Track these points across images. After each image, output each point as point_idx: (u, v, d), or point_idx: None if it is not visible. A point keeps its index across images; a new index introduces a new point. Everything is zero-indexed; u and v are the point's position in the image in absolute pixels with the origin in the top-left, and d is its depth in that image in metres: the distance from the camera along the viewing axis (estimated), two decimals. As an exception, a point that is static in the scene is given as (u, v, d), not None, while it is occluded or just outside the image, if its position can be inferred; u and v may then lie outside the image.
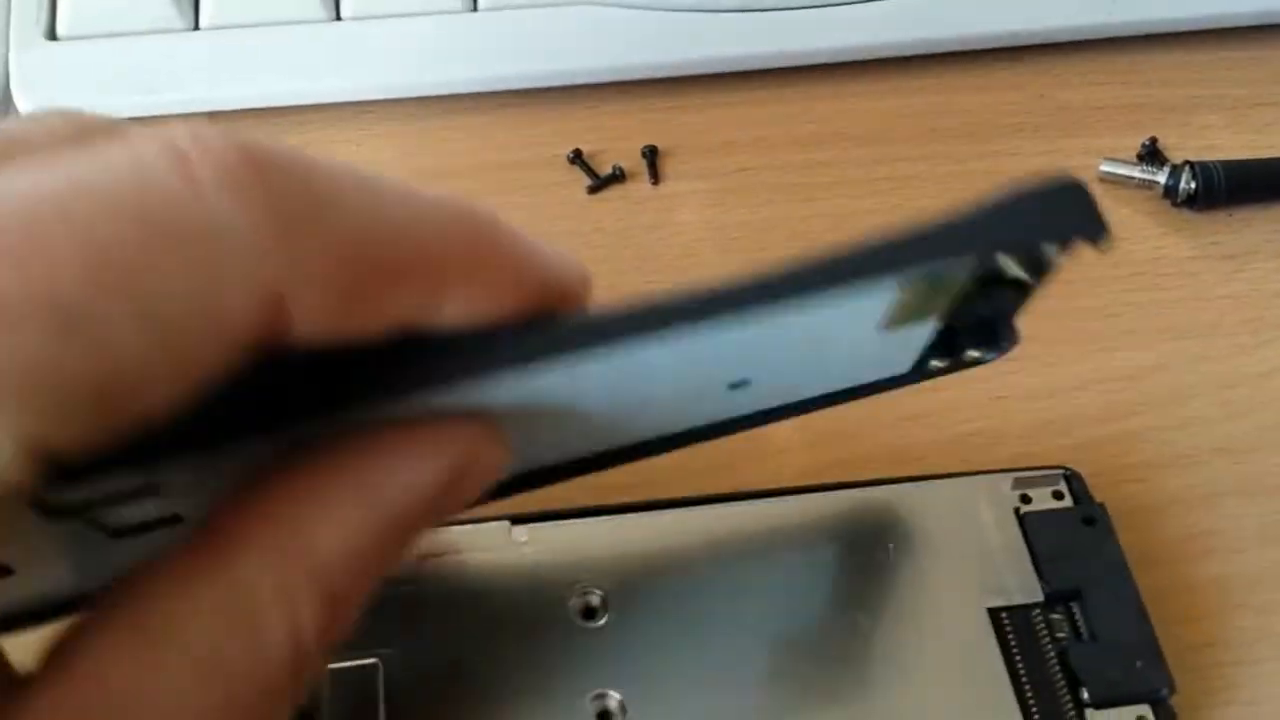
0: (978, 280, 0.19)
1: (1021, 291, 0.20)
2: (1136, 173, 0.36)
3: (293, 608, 0.16)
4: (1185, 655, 0.27)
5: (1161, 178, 0.35)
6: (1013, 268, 0.19)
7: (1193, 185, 0.35)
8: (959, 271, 0.18)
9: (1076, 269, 0.34)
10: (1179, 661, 0.26)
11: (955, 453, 0.31)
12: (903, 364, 0.23)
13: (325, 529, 0.16)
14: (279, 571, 0.16)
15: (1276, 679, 0.27)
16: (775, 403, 0.22)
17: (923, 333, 0.21)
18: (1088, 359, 0.33)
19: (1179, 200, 0.35)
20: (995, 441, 0.31)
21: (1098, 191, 0.35)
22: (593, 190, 0.35)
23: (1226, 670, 0.27)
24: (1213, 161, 0.35)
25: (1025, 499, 0.27)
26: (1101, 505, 0.27)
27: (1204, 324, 0.33)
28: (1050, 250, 0.18)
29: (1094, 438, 0.31)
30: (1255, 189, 0.35)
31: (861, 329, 0.19)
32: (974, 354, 0.22)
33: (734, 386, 0.20)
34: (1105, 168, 0.36)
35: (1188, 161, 0.35)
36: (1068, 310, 0.33)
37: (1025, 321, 0.33)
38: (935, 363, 0.23)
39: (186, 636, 0.15)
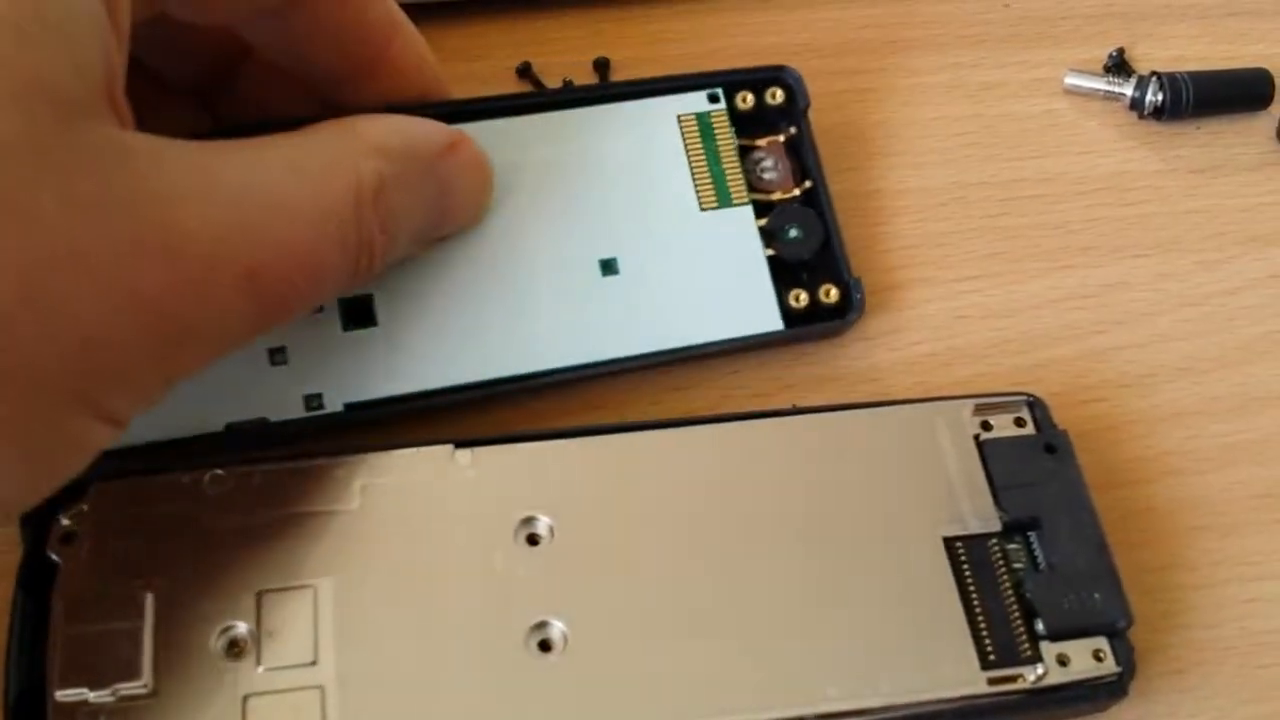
0: None
1: None
2: (1102, 85, 0.33)
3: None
4: (1144, 578, 0.26)
5: (1128, 90, 0.33)
6: None
7: (1159, 97, 0.32)
8: None
9: (1039, 184, 0.32)
10: (1138, 584, 0.25)
11: (911, 373, 0.29)
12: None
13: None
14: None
15: (1237, 602, 0.26)
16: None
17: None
18: (1048, 276, 0.31)
19: (1145, 112, 0.33)
20: (952, 361, 0.29)
21: (1063, 104, 0.33)
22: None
23: (1187, 593, 0.26)
24: (1181, 73, 0.33)
25: (986, 425, 0.25)
26: (1064, 433, 0.25)
27: (1168, 240, 0.31)
28: None
29: (1054, 357, 0.29)
30: (1224, 100, 0.33)
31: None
32: None
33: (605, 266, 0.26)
34: (1070, 80, 0.33)
35: (1154, 73, 0.33)
36: (1028, 226, 0.31)
37: (984, 238, 0.31)
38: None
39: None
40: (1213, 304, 0.30)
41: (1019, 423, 0.25)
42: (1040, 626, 0.23)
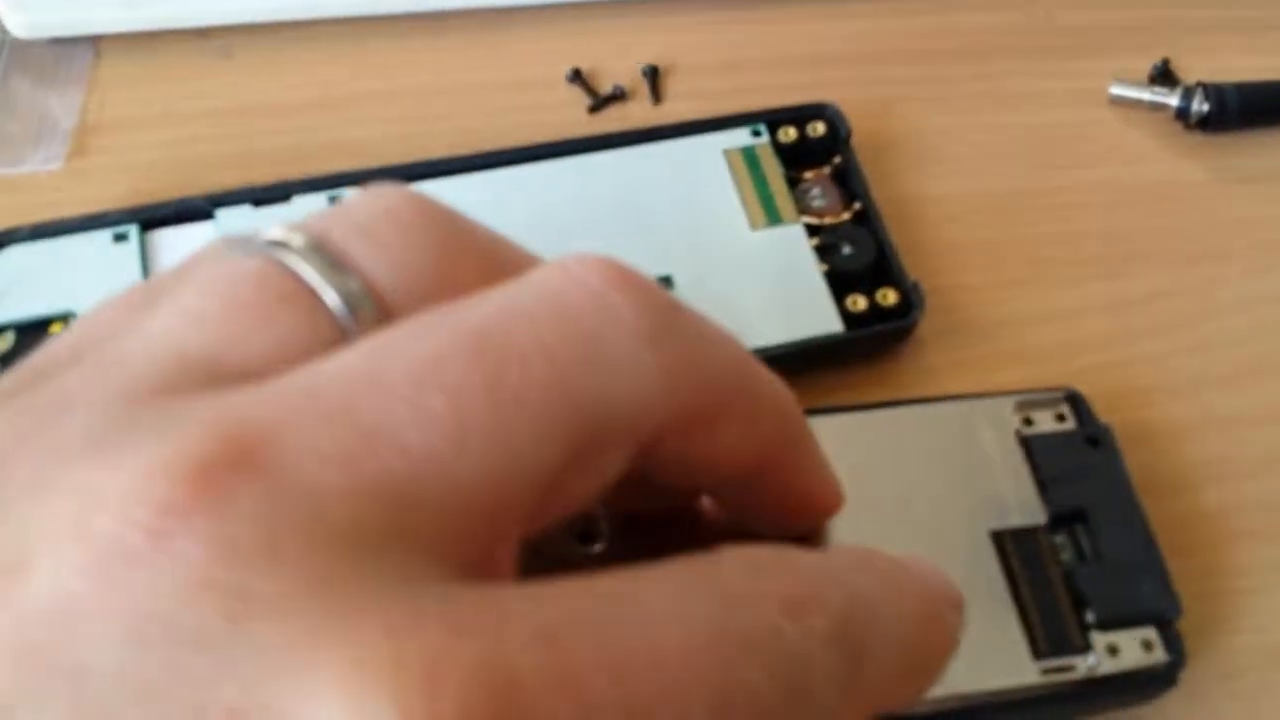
0: None
1: None
2: (1147, 95, 0.36)
3: None
4: (1194, 582, 0.27)
5: (1174, 100, 0.35)
6: None
7: (1205, 107, 0.35)
8: None
9: (1086, 193, 0.34)
10: (1188, 589, 0.27)
11: (959, 376, 0.31)
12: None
13: None
14: None
15: None
16: None
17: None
18: (1095, 283, 0.33)
19: (1191, 122, 0.35)
20: (1000, 366, 0.31)
21: (1108, 115, 0.36)
22: (593, 110, 0.35)
23: (1236, 598, 0.28)
24: (1226, 83, 0.35)
25: (1028, 421, 0.27)
26: (1107, 425, 0.27)
27: (1215, 248, 0.34)
28: None
29: (1101, 363, 0.31)
30: (1270, 110, 0.35)
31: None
32: None
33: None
34: (1116, 90, 0.36)
35: (1200, 83, 0.35)
36: (1076, 234, 0.34)
37: (1031, 245, 0.33)
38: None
39: None
40: (1260, 311, 0.32)
41: (1060, 418, 0.27)
42: (1090, 617, 0.25)
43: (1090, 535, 0.26)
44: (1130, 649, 0.25)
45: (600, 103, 0.35)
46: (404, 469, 0.14)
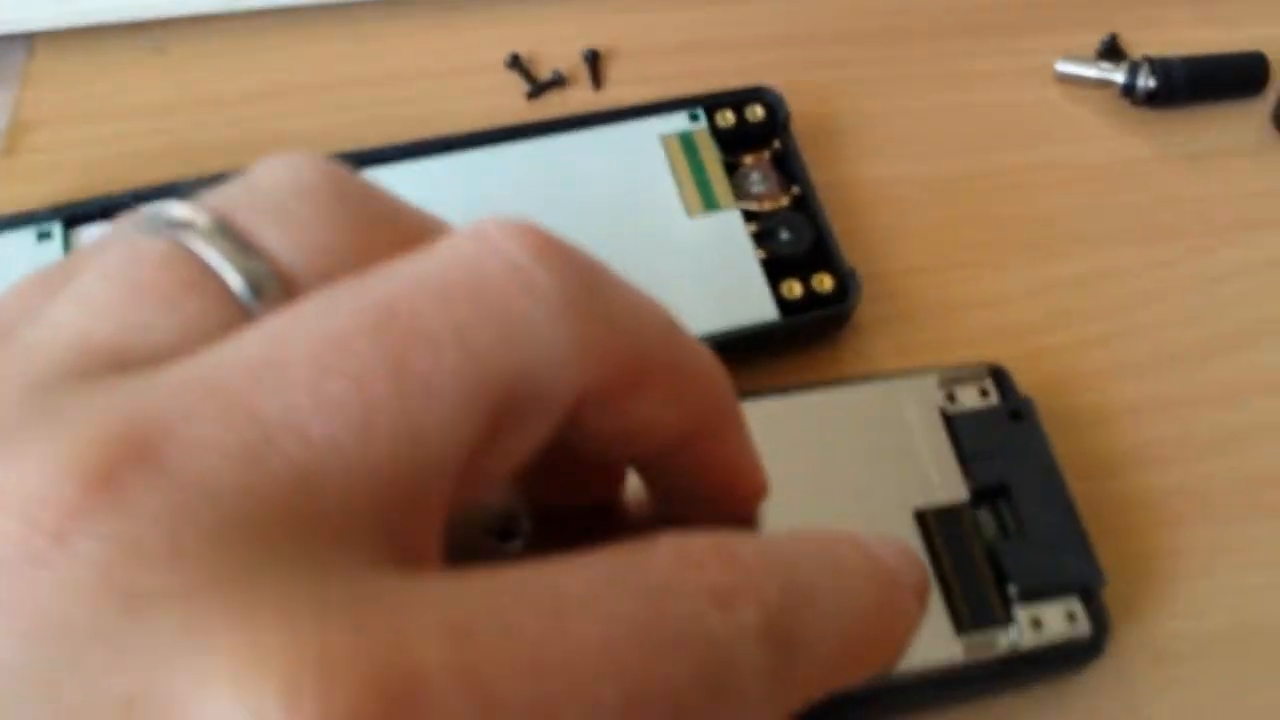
0: None
1: None
2: (1094, 71, 0.36)
3: None
4: (1134, 566, 0.28)
5: (1119, 76, 0.35)
6: None
7: (1151, 82, 0.35)
8: None
9: (1030, 173, 0.35)
10: (1127, 572, 0.27)
11: (899, 362, 0.31)
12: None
13: None
14: None
15: (1226, 591, 0.28)
16: None
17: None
18: (1039, 265, 0.33)
19: (1138, 98, 0.35)
20: (940, 351, 0.31)
21: (1054, 93, 0.36)
22: (531, 96, 0.36)
23: (1176, 582, 0.28)
24: (1173, 57, 0.35)
25: (951, 398, 0.27)
26: (1028, 400, 0.28)
27: (1161, 227, 0.34)
28: None
29: (1044, 346, 0.32)
30: (1218, 85, 0.36)
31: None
32: None
33: None
34: (1062, 67, 0.36)
35: (1146, 57, 0.35)
36: (1020, 216, 0.34)
37: (974, 228, 0.34)
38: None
39: None
40: (1205, 291, 0.33)
41: (983, 393, 0.27)
42: (1012, 590, 0.25)
43: (1013, 510, 0.26)
44: (1054, 621, 0.25)
45: (539, 88, 0.35)
46: (306, 459, 0.14)
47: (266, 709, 0.12)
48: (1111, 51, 0.37)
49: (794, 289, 0.31)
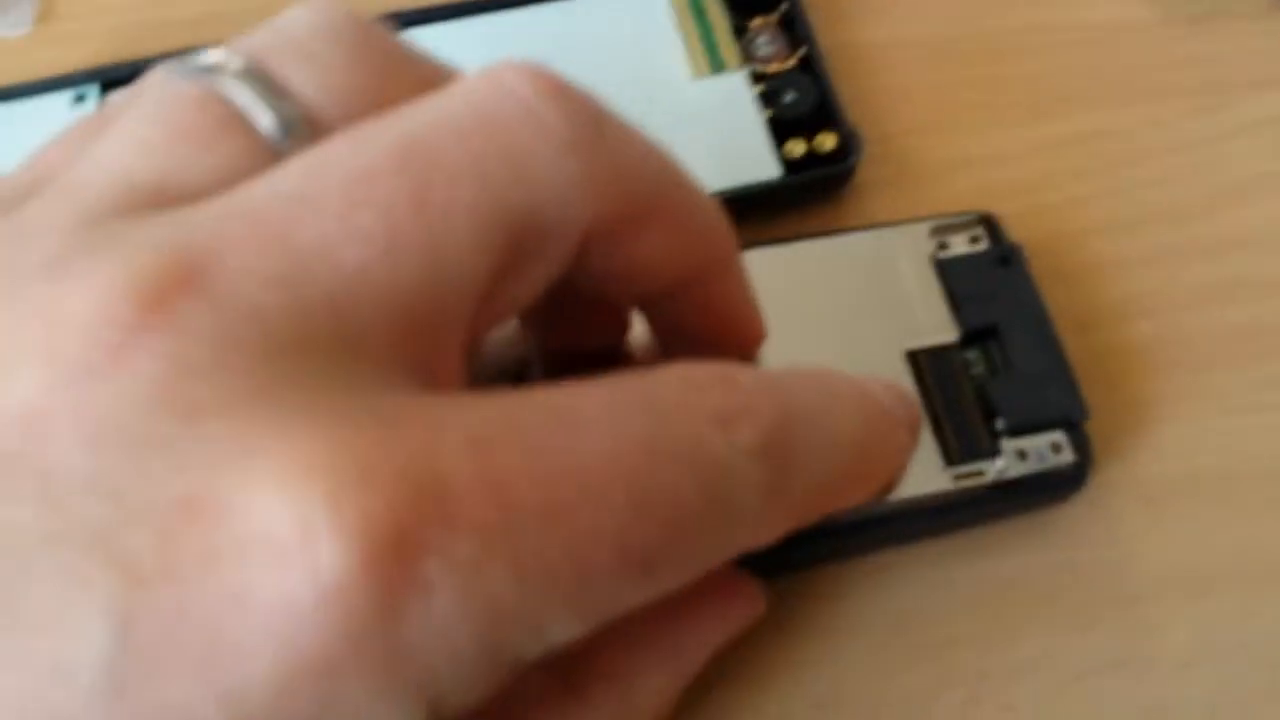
0: None
1: None
2: (1099, -68, 0.37)
3: None
4: (1120, 410, 0.30)
5: (1125, -63, 0.36)
6: None
7: (1156, -56, 0.36)
8: None
9: (1035, 34, 0.36)
10: (1117, 420, 0.29)
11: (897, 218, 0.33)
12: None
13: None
14: None
15: (1213, 434, 0.29)
16: None
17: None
18: (1040, 125, 0.34)
19: (1142, -40, 0.36)
20: (941, 207, 0.32)
21: (1061, -46, 0.37)
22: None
23: (1164, 426, 0.30)
24: (1178, -81, 0.36)
25: (943, 245, 0.29)
26: (1017, 245, 0.29)
27: (1162, 87, 0.35)
28: None
29: (1043, 203, 0.33)
30: (1222, -53, 0.37)
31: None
32: None
33: None
34: (1068, -72, 0.37)
35: (1152, -81, 0.36)
36: (1023, 76, 0.35)
37: (977, 88, 0.35)
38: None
39: None
40: (1203, 150, 0.34)
41: (974, 240, 0.29)
42: (1000, 424, 0.27)
43: (1001, 349, 0.28)
44: (1038, 452, 0.27)
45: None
46: (339, 284, 0.16)
47: (312, 509, 0.14)
48: (1118, -87, 0.37)
49: (797, 148, 0.32)
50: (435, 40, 0.33)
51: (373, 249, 0.16)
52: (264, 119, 0.18)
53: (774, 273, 0.28)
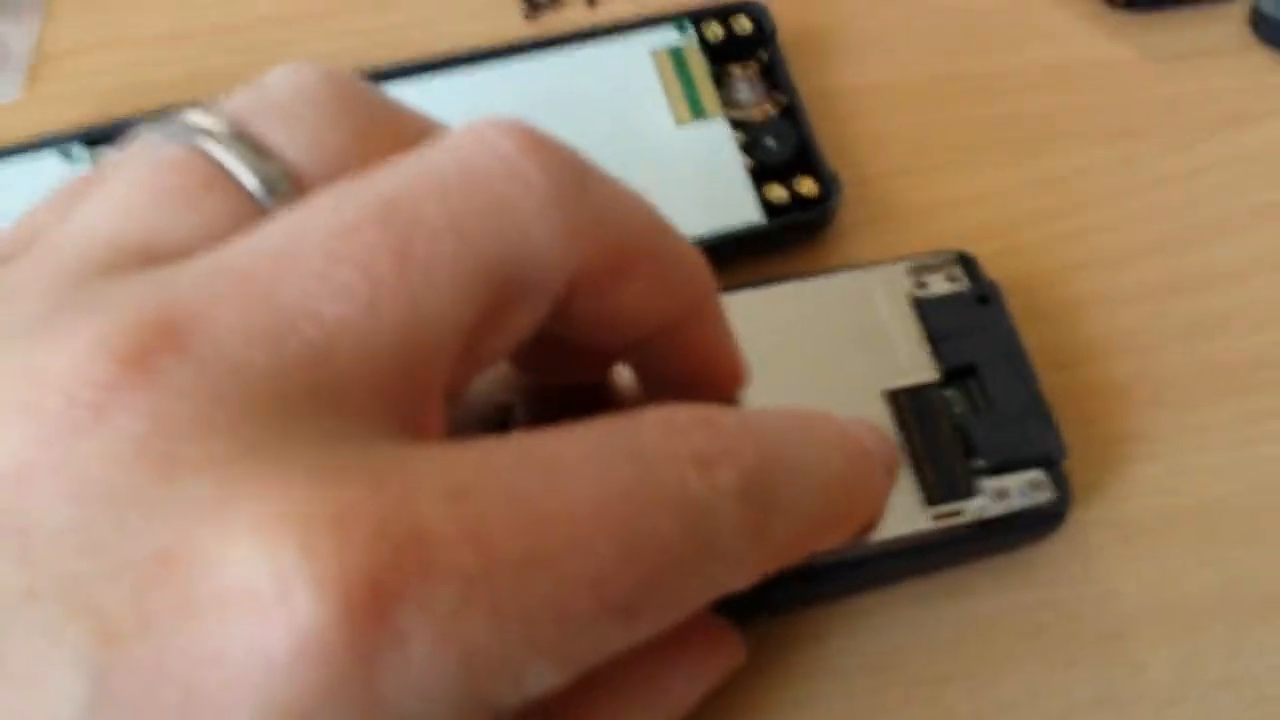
0: None
1: None
2: (1074, -25, 0.38)
3: None
4: (1100, 447, 0.30)
5: (1099, -21, 0.37)
6: None
7: (1131, -14, 0.37)
8: None
9: (1013, 76, 0.37)
10: (1099, 456, 0.30)
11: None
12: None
13: None
14: None
15: (1194, 471, 0.30)
16: None
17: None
18: (1019, 164, 0.35)
19: (1117, 2, 0.37)
20: (921, 247, 0.33)
21: (1036, -3, 0.38)
22: (529, 15, 0.38)
23: (1146, 464, 0.30)
24: (1152, -39, 0.37)
25: (921, 285, 0.29)
26: (994, 283, 0.29)
27: (1137, 125, 0.35)
28: None
29: (1024, 242, 0.33)
30: (1196, -12, 0.37)
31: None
32: None
33: None
34: (1043, -28, 0.38)
35: (1126, -39, 0.37)
36: (1001, 117, 0.36)
37: (956, 130, 0.36)
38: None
39: None
40: (1180, 186, 0.34)
41: (952, 279, 0.29)
42: (979, 463, 0.27)
43: (980, 388, 0.28)
44: (1018, 490, 0.27)
45: (536, 6, 0.37)
46: (321, 339, 0.16)
47: (287, 561, 0.14)
48: (1092, -44, 0.38)
49: (779, 193, 0.33)
50: (421, 94, 0.34)
51: (354, 304, 0.16)
52: (247, 179, 0.18)
53: (755, 315, 0.28)
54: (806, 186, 0.33)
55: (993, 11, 0.38)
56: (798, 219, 0.33)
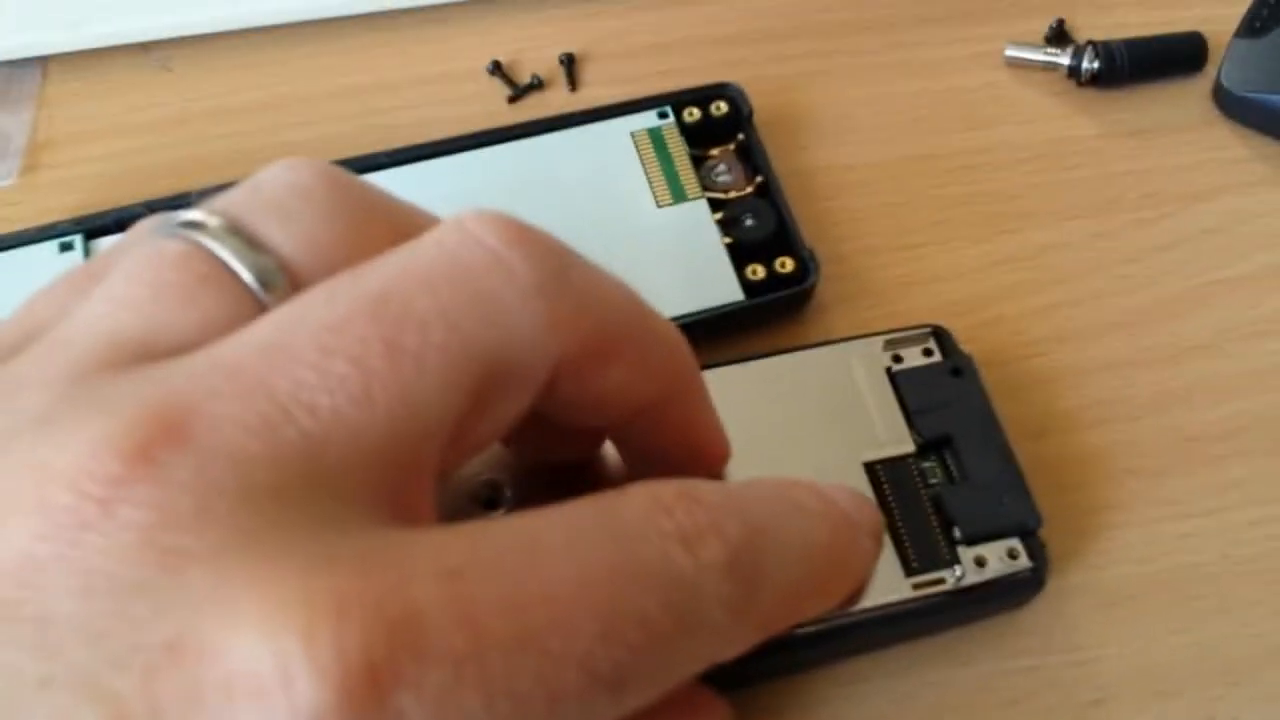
0: None
1: None
2: (1040, 55, 0.39)
3: None
4: (1081, 519, 0.31)
5: (1065, 59, 0.39)
6: None
7: (1095, 64, 0.38)
8: None
9: (982, 154, 0.38)
10: (1074, 525, 0.31)
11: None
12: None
13: None
14: None
15: (1168, 539, 0.31)
16: None
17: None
18: (991, 240, 0.36)
19: (1083, 80, 0.39)
20: (898, 322, 0.34)
21: (1004, 77, 0.40)
22: (513, 100, 0.39)
23: (1120, 531, 0.31)
24: (1115, 40, 0.39)
25: (897, 359, 0.30)
26: (969, 356, 0.31)
27: (1105, 201, 0.37)
28: None
29: (996, 316, 0.35)
30: (1159, 65, 0.39)
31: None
32: None
33: None
34: (1010, 52, 0.39)
35: (1090, 41, 0.39)
36: (973, 194, 0.37)
37: (930, 208, 0.37)
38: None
39: None
40: (1147, 260, 0.35)
41: (927, 353, 0.31)
42: (957, 533, 0.28)
43: (956, 459, 0.29)
44: (996, 559, 0.28)
45: (520, 92, 0.39)
46: (316, 430, 0.17)
47: (289, 648, 0.15)
48: (1059, 36, 0.40)
49: (758, 271, 0.34)
50: (408, 179, 0.35)
51: (347, 394, 0.17)
52: (244, 274, 0.19)
53: (735, 390, 0.30)
54: (785, 264, 0.34)
55: (963, 91, 0.39)
56: (777, 297, 0.34)
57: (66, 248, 0.34)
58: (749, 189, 0.36)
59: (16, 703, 0.15)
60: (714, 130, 0.37)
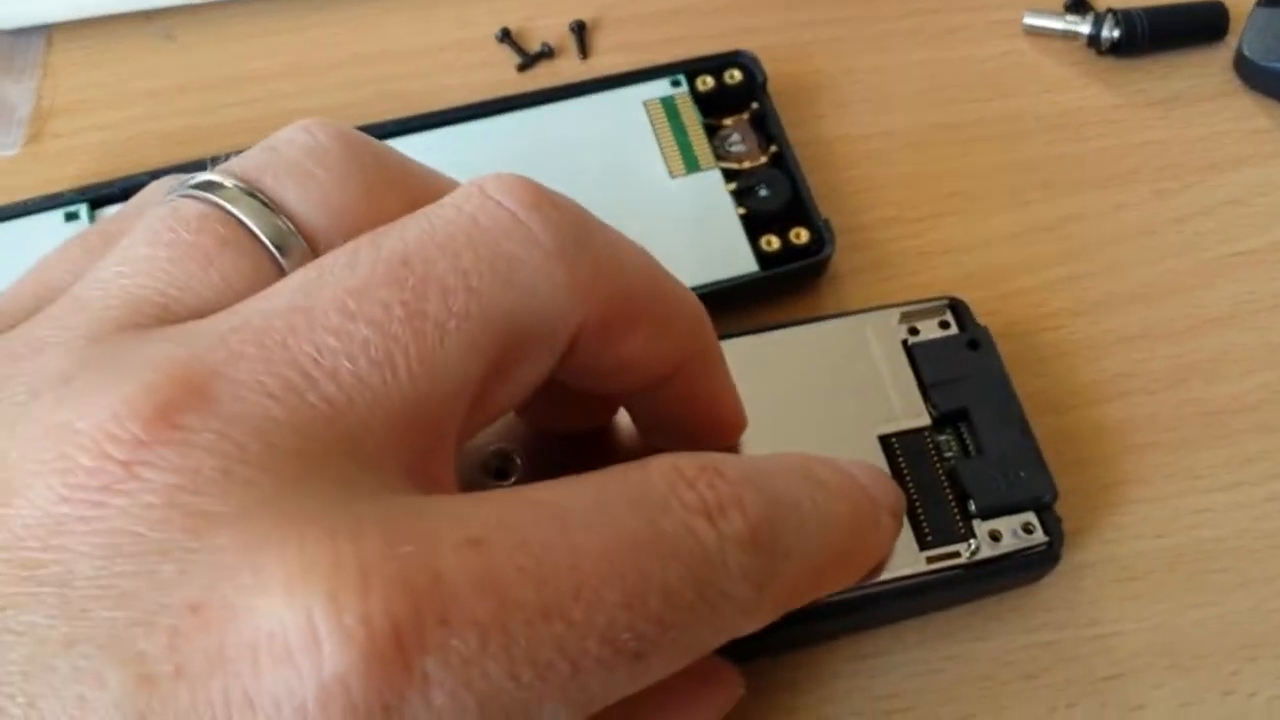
0: None
1: None
2: (1060, 24, 0.39)
3: None
4: (1099, 493, 0.31)
5: (1085, 27, 0.38)
6: None
7: (1116, 33, 0.38)
8: None
9: (1000, 124, 0.38)
10: (1093, 499, 0.31)
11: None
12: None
13: None
14: None
15: (1187, 513, 0.31)
16: None
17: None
18: (1009, 211, 0.36)
19: (1103, 49, 0.38)
20: (914, 294, 0.34)
21: (1024, 45, 0.39)
22: (522, 68, 0.39)
23: (1139, 506, 0.31)
24: (1135, 9, 0.38)
25: (913, 331, 0.30)
26: (985, 328, 0.30)
27: (1125, 172, 0.37)
28: None
29: (1015, 288, 0.35)
30: (1180, 34, 0.38)
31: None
32: None
33: None
34: (1029, 20, 0.39)
35: (1110, 9, 0.38)
36: (991, 165, 0.37)
37: (947, 178, 0.37)
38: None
39: None
40: (1167, 232, 0.35)
41: (943, 325, 0.30)
42: (972, 507, 0.28)
43: (972, 432, 0.29)
44: (1011, 533, 0.28)
45: (529, 61, 0.39)
46: (338, 395, 0.17)
47: (314, 612, 0.15)
48: (1078, 4, 0.40)
49: (772, 242, 0.34)
50: (420, 147, 0.35)
51: (369, 360, 0.17)
52: (261, 236, 0.19)
53: (751, 362, 0.30)
54: (800, 235, 0.34)
55: (982, 60, 0.39)
56: (791, 268, 0.34)
57: (72, 217, 0.34)
58: (763, 159, 0.35)
59: (42, 663, 0.15)
60: (728, 99, 0.37)
